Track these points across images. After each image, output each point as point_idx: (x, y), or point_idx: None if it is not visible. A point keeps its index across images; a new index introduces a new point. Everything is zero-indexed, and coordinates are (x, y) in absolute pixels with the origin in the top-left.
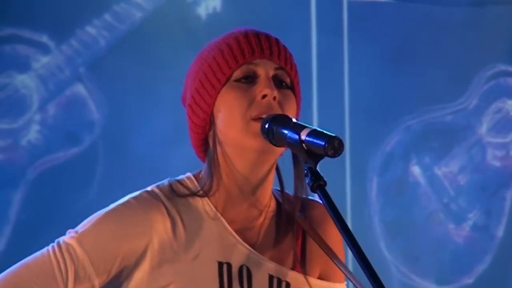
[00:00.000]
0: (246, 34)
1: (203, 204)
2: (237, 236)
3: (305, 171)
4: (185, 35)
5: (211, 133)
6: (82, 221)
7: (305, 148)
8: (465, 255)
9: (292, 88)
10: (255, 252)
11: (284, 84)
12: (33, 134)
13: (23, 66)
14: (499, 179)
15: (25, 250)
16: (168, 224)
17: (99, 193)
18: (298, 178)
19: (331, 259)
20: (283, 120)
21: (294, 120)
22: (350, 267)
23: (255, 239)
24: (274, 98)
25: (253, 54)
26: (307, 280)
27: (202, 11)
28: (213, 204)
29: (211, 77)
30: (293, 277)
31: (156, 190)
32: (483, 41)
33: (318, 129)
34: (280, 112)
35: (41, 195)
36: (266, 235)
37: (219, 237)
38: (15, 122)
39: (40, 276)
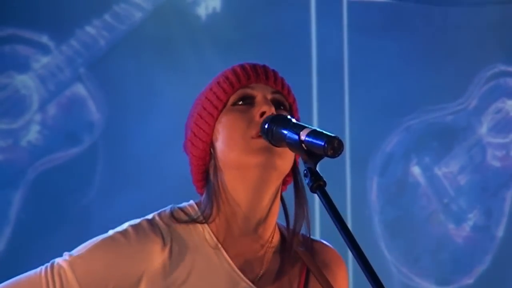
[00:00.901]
0: (242, 65)
1: (203, 232)
2: (236, 269)
3: (305, 171)
4: (185, 35)
5: (211, 163)
6: (82, 221)
7: (305, 148)
8: (465, 256)
9: (291, 112)
10: (252, 286)
11: (282, 107)
12: (33, 134)
13: (23, 66)
14: (499, 179)
15: (25, 250)
16: (165, 254)
17: (99, 193)
18: (299, 206)
19: None
20: (283, 120)
21: (293, 120)
22: (350, 266)
23: (255, 272)
24: (272, 113)
25: (248, 78)
26: None
27: (202, 11)
28: (213, 233)
29: (208, 107)
30: None
31: (157, 218)
32: (483, 42)
33: (318, 129)
34: None
35: (41, 195)
36: (267, 269)
37: (218, 268)
38: (15, 122)
39: None
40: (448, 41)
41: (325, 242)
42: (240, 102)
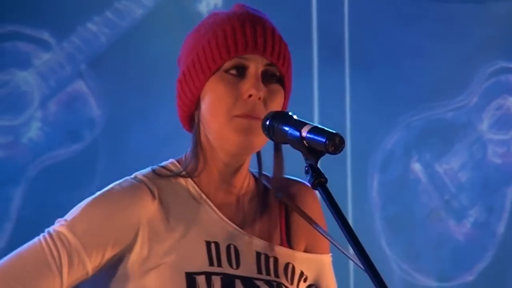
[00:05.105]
0: (243, 24)
1: (187, 185)
2: (222, 216)
3: (306, 168)
4: (186, 31)
5: (196, 113)
6: None
7: (306, 144)
8: (466, 252)
9: (282, 80)
10: (241, 231)
11: (274, 77)
12: (34, 131)
13: (24, 63)
14: (500, 176)
15: None
16: (154, 206)
17: (100, 190)
18: (277, 154)
19: (315, 228)
20: (284, 117)
21: (295, 117)
22: (351, 263)
23: (240, 218)
24: (260, 98)
25: (246, 48)
26: (294, 254)
27: (203, 7)
28: (197, 185)
29: (202, 62)
30: (280, 252)
31: (140, 176)
32: (484, 38)
33: (319, 126)
34: (263, 111)
35: (42, 192)
36: (250, 214)
37: (205, 217)
38: (16, 119)
39: (33, 265)
40: (449, 37)
41: (294, 178)
42: (233, 72)
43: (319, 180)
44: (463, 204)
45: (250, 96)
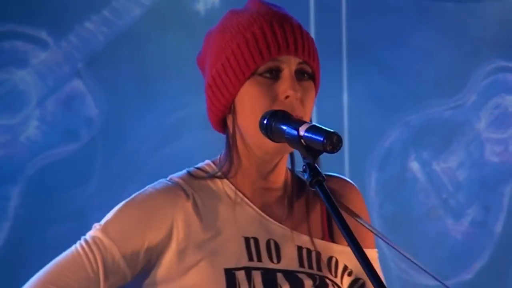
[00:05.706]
0: (271, 25)
1: (223, 186)
2: (260, 212)
3: (304, 167)
4: (184, 30)
5: (230, 117)
6: (80, 216)
7: (304, 143)
8: (463, 251)
9: (313, 76)
10: (281, 225)
11: (306, 74)
12: (32, 130)
13: (22, 62)
14: (497, 174)
15: (24, 246)
16: (189, 207)
17: (98, 189)
18: None
19: (358, 221)
20: (282, 116)
21: (292, 115)
22: None
23: (279, 213)
24: (297, 98)
25: (279, 50)
26: (336, 248)
27: (201, 6)
28: (233, 185)
29: (235, 67)
30: (322, 246)
31: (175, 178)
32: (482, 37)
33: (317, 124)
34: (302, 110)
35: (40, 191)
36: (290, 210)
37: (243, 215)
38: (14, 118)
39: (71, 270)
40: (447, 36)
41: (336, 174)
42: (267, 74)
43: (316, 179)
44: (461, 202)
45: (287, 97)
